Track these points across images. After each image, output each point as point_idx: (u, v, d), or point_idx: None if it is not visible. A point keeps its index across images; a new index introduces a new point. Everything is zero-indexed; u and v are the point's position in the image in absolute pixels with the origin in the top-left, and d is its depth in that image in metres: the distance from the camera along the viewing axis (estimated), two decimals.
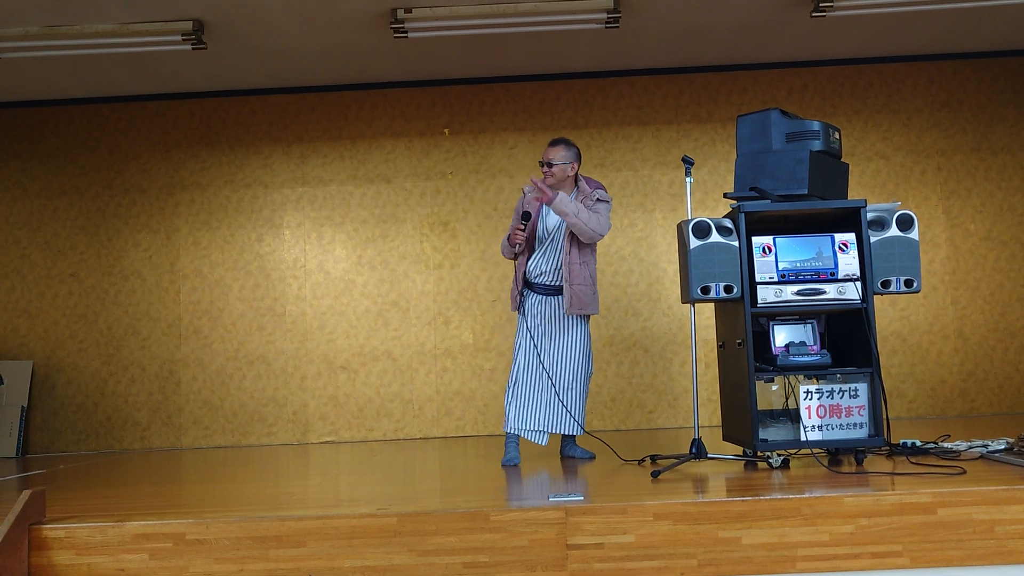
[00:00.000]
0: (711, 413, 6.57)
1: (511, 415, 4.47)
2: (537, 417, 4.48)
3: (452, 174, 6.91)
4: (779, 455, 3.82)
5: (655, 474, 3.65)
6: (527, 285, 4.55)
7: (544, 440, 4.50)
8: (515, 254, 4.50)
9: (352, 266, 6.86)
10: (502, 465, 4.42)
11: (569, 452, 4.64)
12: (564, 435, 4.64)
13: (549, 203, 4.28)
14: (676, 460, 3.97)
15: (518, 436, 4.49)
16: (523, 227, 4.41)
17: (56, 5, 5.34)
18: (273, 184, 6.95)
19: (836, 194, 3.98)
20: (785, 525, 2.89)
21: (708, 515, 2.90)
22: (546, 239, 4.52)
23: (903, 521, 2.89)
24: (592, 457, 4.58)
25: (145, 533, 2.93)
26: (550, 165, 4.44)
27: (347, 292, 6.83)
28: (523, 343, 4.51)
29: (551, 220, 4.51)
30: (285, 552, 2.90)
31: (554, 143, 4.49)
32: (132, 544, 2.92)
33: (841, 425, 3.76)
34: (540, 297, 4.53)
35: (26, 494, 2.94)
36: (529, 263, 4.54)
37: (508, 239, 4.51)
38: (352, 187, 6.93)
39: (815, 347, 3.83)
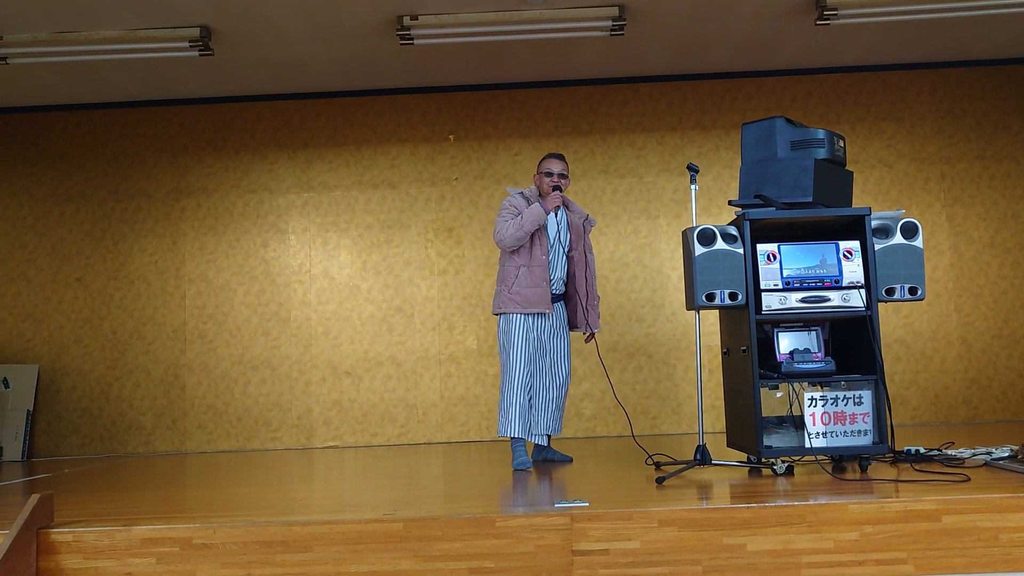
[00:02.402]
0: (714, 420, 6.58)
1: (520, 420, 4.48)
2: (544, 420, 4.60)
3: (457, 180, 6.93)
4: (783, 462, 3.83)
5: (660, 480, 3.66)
6: None
7: (546, 441, 4.67)
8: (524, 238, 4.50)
9: (357, 271, 6.87)
10: (515, 469, 4.44)
11: (550, 455, 4.71)
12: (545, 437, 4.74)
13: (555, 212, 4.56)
14: (681, 466, 3.98)
15: (525, 440, 4.54)
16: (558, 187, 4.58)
17: (64, 11, 5.37)
18: (279, 189, 6.98)
19: (840, 202, 3.99)
20: (790, 532, 2.90)
21: (713, 522, 2.91)
22: (553, 245, 4.60)
23: (908, 528, 2.90)
24: (570, 460, 4.70)
25: (152, 537, 2.94)
26: (565, 176, 4.66)
27: (352, 297, 6.85)
28: (534, 348, 4.54)
29: (552, 229, 4.61)
30: (291, 557, 2.92)
31: (560, 157, 4.67)
32: (139, 548, 2.94)
33: (845, 432, 3.77)
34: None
35: (34, 498, 2.96)
36: (551, 270, 4.60)
37: (521, 223, 4.46)
38: (357, 193, 6.95)
39: (819, 354, 3.84)
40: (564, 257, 4.65)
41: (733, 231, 3.86)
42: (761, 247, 3.81)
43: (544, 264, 4.51)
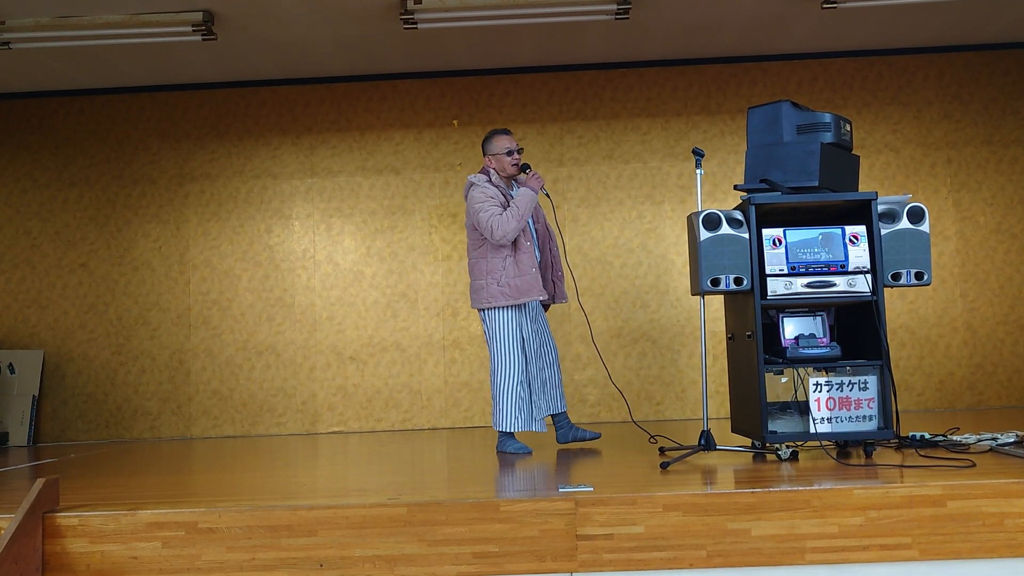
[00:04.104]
0: (719, 405, 6.58)
1: (520, 414, 4.46)
2: (542, 405, 4.56)
3: (461, 166, 6.91)
4: (788, 447, 3.83)
5: (664, 465, 3.66)
6: None
7: (543, 427, 4.60)
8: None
9: (361, 257, 6.87)
10: (513, 453, 4.45)
11: (579, 435, 4.68)
12: (559, 419, 4.70)
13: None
14: (685, 451, 3.98)
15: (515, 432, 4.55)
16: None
17: None
18: (282, 175, 6.97)
19: (847, 186, 3.97)
20: (794, 517, 2.90)
21: (717, 506, 2.91)
22: (530, 231, 4.63)
23: (912, 513, 2.90)
24: (598, 436, 4.71)
25: (157, 522, 2.95)
26: (521, 151, 4.62)
27: (356, 283, 6.85)
28: (527, 336, 4.51)
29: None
30: (296, 541, 2.92)
31: (509, 132, 4.60)
32: (145, 532, 2.95)
33: (850, 417, 3.76)
34: None
35: (40, 482, 2.97)
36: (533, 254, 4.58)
37: (520, 212, 4.37)
38: (361, 178, 6.94)
39: (824, 339, 3.83)
40: (537, 237, 4.66)
41: (738, 216, 3.85)
42: (766, 232, 3.79)
43: (530, 251, 4.47)
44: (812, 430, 3.74)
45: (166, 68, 6.65)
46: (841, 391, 3.76)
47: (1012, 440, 3.97)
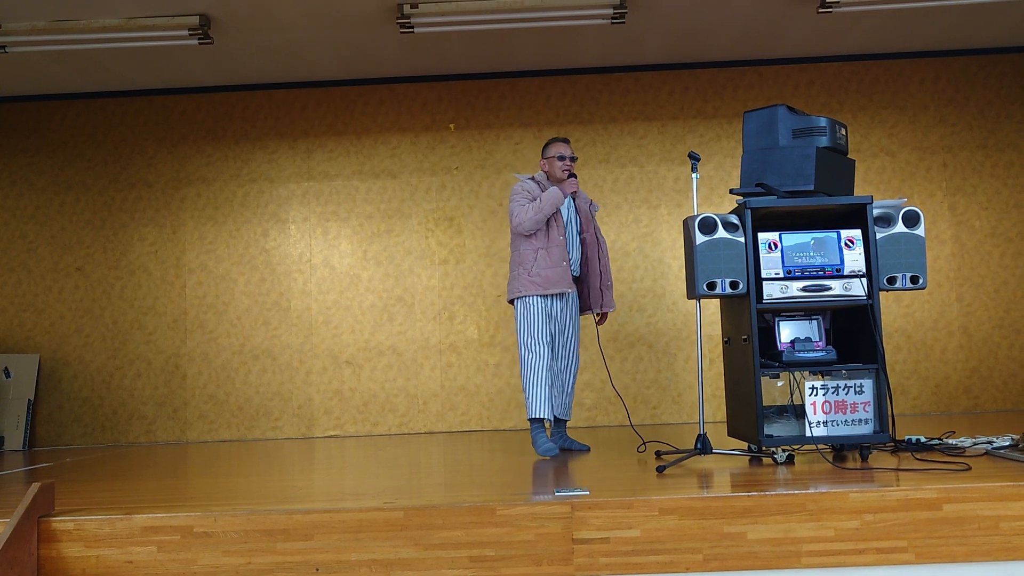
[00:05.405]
0: (715, 409, 6.58)
1: (548, 401, 4.50)
2: (559, 402, 4.63)
3: (457, 169, 6.91)
4: (784, 451, 3.83)
5: (660, 469, 3.66)
6: None
7: (563, 426, 4.68)
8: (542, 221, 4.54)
9: (357, 261, 6.87)
10: (542, 454, 4.49)
11: (567, 444, 4.71)
12: (558, 425, 4.76)
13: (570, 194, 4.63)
14: (681, 455, 3.98)
15: (545, 425, 4.59)
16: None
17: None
18: (279, 179, 6.97)
19: (842, 190, 3.98)
20: (790, 521, 2.90)
21: (713, 510, 2.91)
22: (567, 228, 4.67)
23: (908, 517, 2.90)
24: (587, 449, 4.70)
25: (153, 526, 2.95)
26: (575, 159, 4.74)
27: (352, 287, 6.85)
28: (554, 333, 4.59)
29: (563, 212, 4.68)
30: (292, 545, 2.92)
31: (567, 141, 4.75)
32: (140, 537, 2.94)
33: (846, 421, 3.77)
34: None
35: (35, 487, 2.96)
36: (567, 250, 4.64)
37: (541, 205, 4.49)
38: (358, 182, 6.94)
39: (820, 343, 3.84)
40: (578, 239, 4.71)
41: (734, 220, 3.85)
42: (762, 236, 3.80)
43: (562, 245, 4.56)
44: (808, 434, 3.75)
45: (162, 72, 6.65)
46: (837, 395, 3.77)
47: (1007, 443, 3.97)
